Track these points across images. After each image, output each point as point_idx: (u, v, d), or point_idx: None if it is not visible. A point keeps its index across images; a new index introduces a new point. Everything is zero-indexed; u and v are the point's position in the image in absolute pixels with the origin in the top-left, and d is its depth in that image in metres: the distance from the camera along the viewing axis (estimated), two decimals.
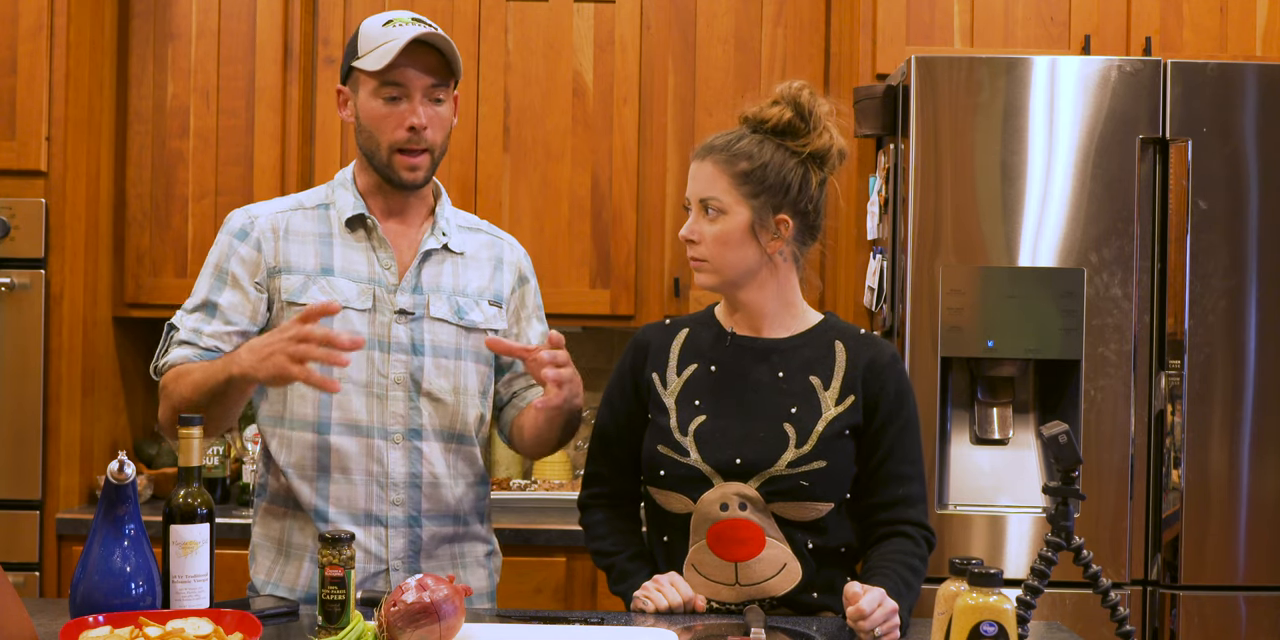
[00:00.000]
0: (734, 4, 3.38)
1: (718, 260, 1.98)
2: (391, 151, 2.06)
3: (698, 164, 2.00)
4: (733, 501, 1.95)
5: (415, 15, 2.08)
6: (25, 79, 3.08)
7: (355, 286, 2.08)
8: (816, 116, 1.99)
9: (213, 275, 2.11)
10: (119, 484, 1.72)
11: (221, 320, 2.07)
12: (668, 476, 1.99)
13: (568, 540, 3.02)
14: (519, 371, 2.21)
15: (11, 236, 3.06)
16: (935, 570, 2.54)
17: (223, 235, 2.14)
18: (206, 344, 2.06)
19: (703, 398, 2.02)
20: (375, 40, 2.04)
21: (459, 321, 2.12)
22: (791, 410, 1.98)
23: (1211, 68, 2.81)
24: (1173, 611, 2.79)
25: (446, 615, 1.62)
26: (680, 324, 2.13)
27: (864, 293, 3.10)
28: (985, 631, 1.48)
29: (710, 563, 1.96)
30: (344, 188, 2.14)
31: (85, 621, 1.62)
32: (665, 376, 2.06)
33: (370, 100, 2.06)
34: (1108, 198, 2.79)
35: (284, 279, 2.07)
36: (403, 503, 2.07)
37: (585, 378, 3.65)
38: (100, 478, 3.14)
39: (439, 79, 2.06)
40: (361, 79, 2.06)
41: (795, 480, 1.94)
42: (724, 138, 2.01)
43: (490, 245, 2.23)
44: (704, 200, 1.98)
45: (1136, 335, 2.79)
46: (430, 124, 2.06)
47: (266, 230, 2.10)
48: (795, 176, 1.98)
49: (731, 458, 1.96)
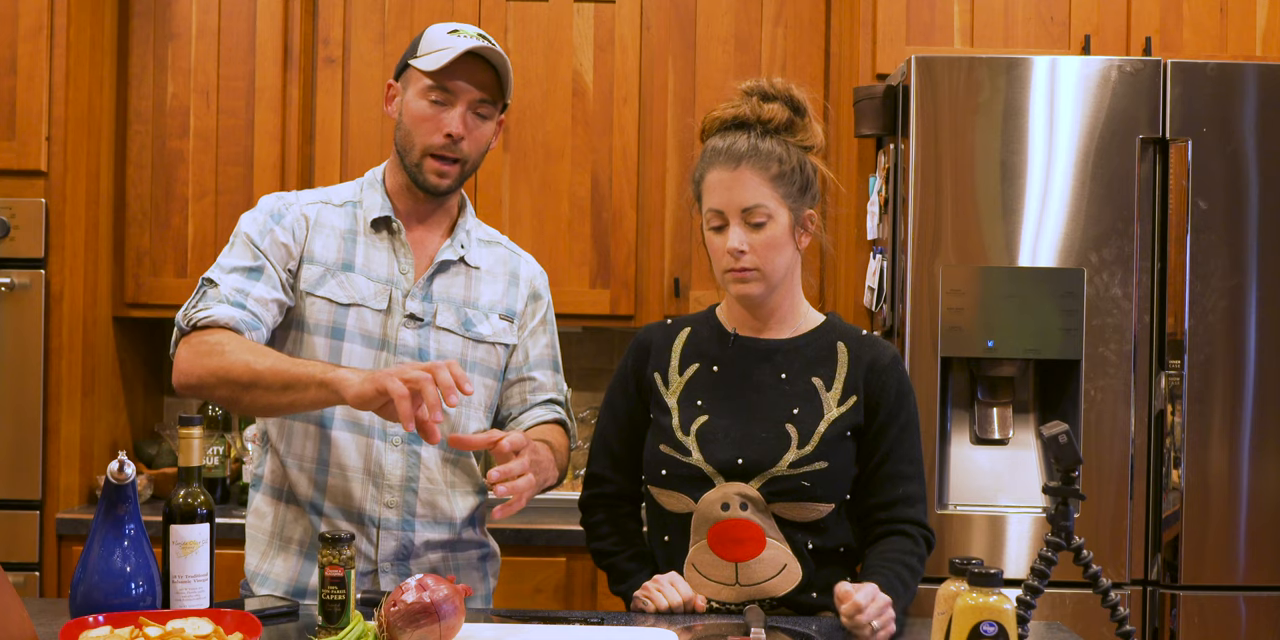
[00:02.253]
0: (734, 4, 3.38)
1: (768, 268, 1.97)
2: (425, 154, 2.06)
3: (728, 173, 1.96)
4: (734, 501, 1.95)
5: (481, 31, 2.09)
6: (25, 79, 3.08)
7: (373, 285, 2.08)
8: (809, 111, 2.03)
9: (250, 245, 2.05)
10: (119, 484, 1.72)
11: (267, 284, 2.02)
12: (669, 476, 1.99)
13: (567, 540, 3.02)
14: (511, 379, 2.20)
15: (11, 236, 3.06)
16: (935, 570, 2.54)
17: (258, 213, 2.09)
18: (254, 307, 1.99)
19: (705, 397, 2.02)
20: (436, 44, 2.05)
21: (465, 333, 2.11)
22: (794, 411, 1.98)
23: (1211, 68, 2.81)
24: (1173, 611, 2.79)
25: (446, 615, 1.62)
26: (682, 324, 2.13)
27: (864, 293, 3.10)
28: (985, 631, 1.48)
29: (710, 562, 1.96)
30: (373, 188, 2.14)
31: (85, 621, 1.62)
32: (667, 376, 2.06)
33: (416, 100, 2.06)
34: (1108, 198, 2.79)
35: (305, 269, 2.07)
36: (397, 506, 2.07)
37: (585, 378, 3.70)
38: (100, 478, 3.14)
39: (488, 95, 2.07)
40: (414, 77, 2.06)
41: (797, 481, 1.94)
42: (740, 142, 1.98)
43: (507, 260, 2.22)
44: (749, 209, 1.95)
45: (1136, 335, 2.79)
46: (469, 136, 2.06)
47: (299, 217, 2.09)
48: (811, 171, 2.02)
49: (733, 458, 1.96)
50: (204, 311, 1.97)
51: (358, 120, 3.36)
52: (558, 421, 2.21)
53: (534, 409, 2.20)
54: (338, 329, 2.05)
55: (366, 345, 2.06)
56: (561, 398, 2.24)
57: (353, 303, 2.06)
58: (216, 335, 1.93)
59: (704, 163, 2.01)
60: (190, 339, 1.96)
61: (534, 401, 2.21)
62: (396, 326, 2.07)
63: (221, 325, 1.95)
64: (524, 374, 2.20)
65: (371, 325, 2.06)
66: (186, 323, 1.98)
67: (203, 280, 2.02)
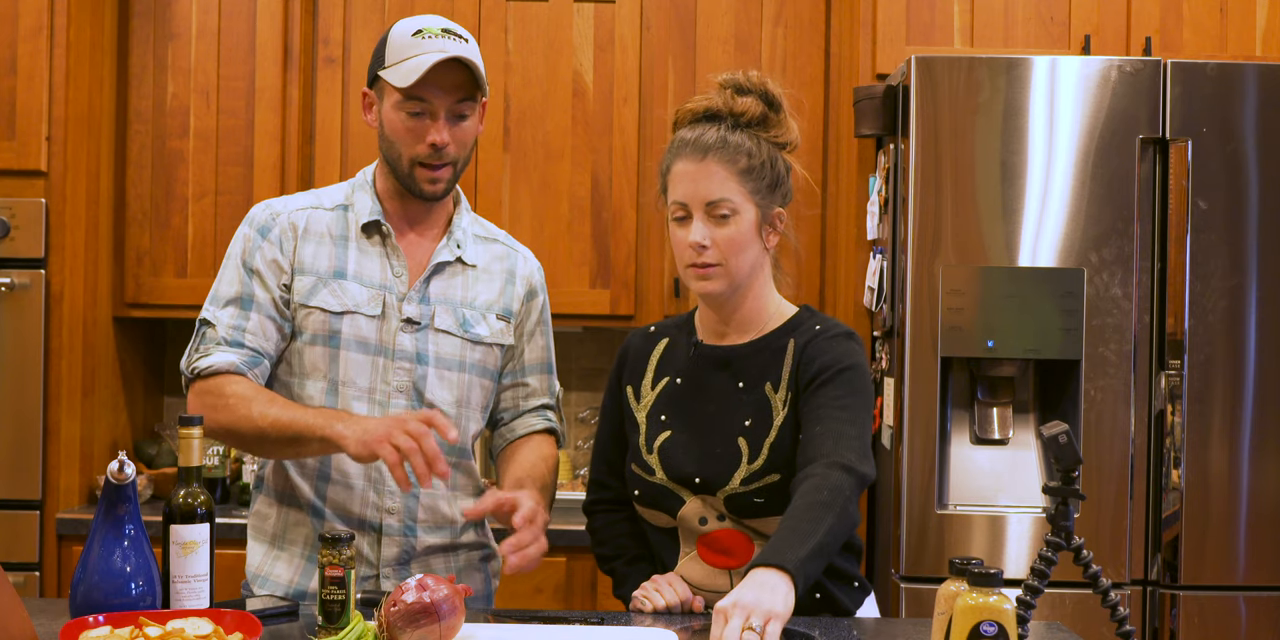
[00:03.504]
0: (734, 4, 3.38)
1: (731, 264, 1.90)
2: (413, 164, 2.03)
3: (693, 164, 1.90)
4: (710, 515, 1.93)
5: (445, 24, 2.03)
6: (25, 79, 3.08)
7: (366, 292, 2.05)
8: (784, 107, 1.96)
9: (240, 269, 2.06)
10: (119, 484, 1.72)
11: (259, 314, 2.03)
12: (642, 495, 1.97)
13: (568, 540, 3.02)
14: (505, 383, 2.20)
15: (11, 236, 3.06)
16: (935, 570, 2.55)
17: (247, 229, 2.08)
18: (251, 343, 2.01)
19: (669, 412, 1.98)
20: (403, 51, 1.99)
21: (463, 334, 2.10)
22: (745, 423, 1.92)
23: (1211, 68, 2.81)
24: (1173, 611, 2.78)
25: (446, 615, 1.62)
26: (663, 332, 2.07)
27: (864, 293, 3.10)
28: (985, 631, 1.48)
29: (703, 573, 1.95)
30: (363, 190, 2.11)
31: (85, 621, 1.62)
32: (639, 390, 2.02)
33: (394, 112, 2.02)
34: (1108, 198, 2.79)
35: (297, 280, 2.05)
36: (397, 511, 2.06)
37: (585, 378, 3.70)
38: (100, 478, 3.14)
39: (465, 95, 2.02)
40: (387, 89, 2.02)
41: (749, 498, 1.89)
42: (708, 134, 1.91)
43: (504, 257, 2.19)
44: (714, 202, 1.88)
45: (1136, 335, 2.79)
46: (453, 140, 2.02)
47: (287, 228, 2.06)
48: (782, 168, 1.95)
49: (691, 475, 1.92)
50: (205, 360, 2.01)
51: (358, 120, 3.36)
52: (548, 430, 2.21)
53: (525, 416, 2.20)
54: (333, 337, 2.04)
55: (363, 351, 2.04)
56: (553, 401, 2.24)
57: (346, 310, 2.04)
58: (221, 385, 1.98)
59: (670, 153, 1.94)
60: (196, 388, 2.01)
61: (525, 408, 2.21)
62: (393, 331, 2.05)
63: (223, 372, 1.99)
64: (518, 379, 2.20)
65: (367, 332, 2.05)
66: (190, 371, 2.02)
67: (200, 321, 2.05)
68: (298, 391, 2.05)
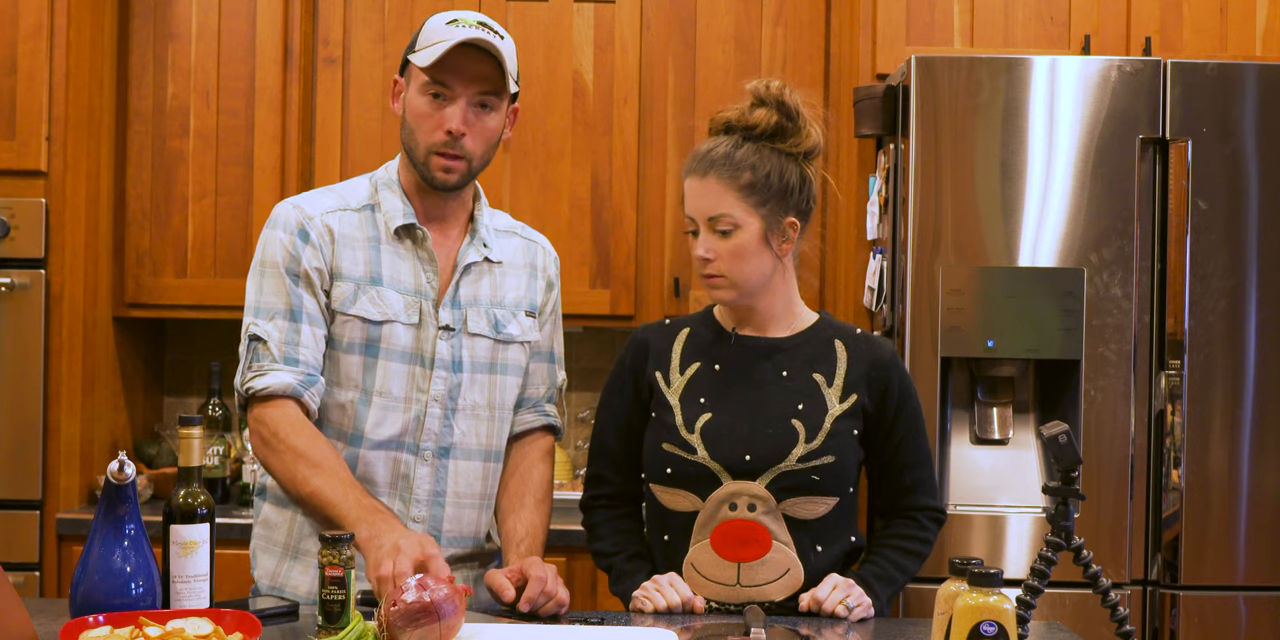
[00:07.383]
0: (734, 4, 3.38)
1: (736, 274, 1.98)
2: (429, 152, 2.00)
3: (697, 181, 1.98)
4: (741, 501, 1.95)
5: (482, 18, 2.01)
6: (25, 79, 3.08)
7: (402, 299, 2.01)
8: (802, 116, 2.00)
9: (284, 277, 1.99)
10: (119, 484, 1.72)
11: (310, 325, 1.98)
12: (675, 474, 1.99)
13: (568, 540, 3.02)
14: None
15: (11, 236, 3.06)
16: (935, 570, 2.54)
17: (281, 234, 2.01)
18: (305, 357, 1.97)
19: (708, 395, 2.02)
20: (433, 37, 1.98)
21: (496, 336, 2.07)
22: (799, 406, 1.99)
23: (1211, 68, 2.81)
24: (1173, 611, 2.78)
25: (446, 615, 1.62)
26: (680, 324, 2.13)
27: (864, 293, 3.10)
28: (985, 631, 1.48)
29: (712, 562, 1.96)
30: (389, 190, 2.06)
31: (85, 621, 1.62)
32: (668, 375, 2.06)
33: (417, 97, 2.00)
34: (1108, 198, 2.79)
35: (336, 286, 2.00)
36: (424, 520, 2.03)
37: (585, 378, 3.70)
38: (100, 478, 3.14)
39: (489, 87, 1.99)
40: (413, 73, 2.00)
41: (806, 475, 1.95)
42: (717, 149, 1.98)
43: (525, 250, 2.18)
44: (715, 218, 1.96)
45: (1136, 335, 2.79)
46: (470, 131, 1.99)
47: (324, 231, 2.01)
48: (794, 177, 1.99)
49: (740, 455, 1.96)
50: (260, 380, 1.96)
51: (358, 120, 3.36)
52: (546, 427, 2.19)
53: (523, 414, 2.17)
54: (371, 346, 2.00)
55: (401, 361, 2.01)
56: (554, 391, 2.21)
57: (386, 319, 2.00)
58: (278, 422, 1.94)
59: (685, 167, 2.02)
60: (254, 414, 1.97)
61: (526, 400, 2.17)
62: (431, 339, 2.02)
63: (279, 395, 1.96)
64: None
65: (405, 341, 2.01)
66: (245, 391, 1.98)
67: (250, 337, 1.99)
68: (327, 400, 2.01)
